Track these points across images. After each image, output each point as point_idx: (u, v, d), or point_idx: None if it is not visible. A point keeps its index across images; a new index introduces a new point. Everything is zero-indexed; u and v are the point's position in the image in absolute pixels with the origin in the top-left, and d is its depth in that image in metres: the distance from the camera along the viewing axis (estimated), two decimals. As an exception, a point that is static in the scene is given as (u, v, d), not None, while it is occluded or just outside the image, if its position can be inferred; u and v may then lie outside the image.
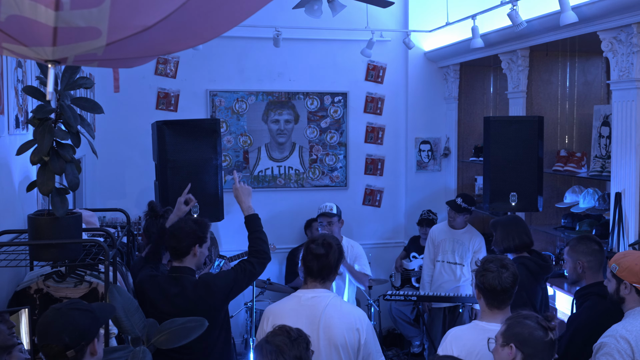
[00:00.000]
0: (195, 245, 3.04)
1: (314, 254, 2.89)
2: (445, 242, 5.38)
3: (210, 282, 3.04)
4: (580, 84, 5.43)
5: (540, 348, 2.29)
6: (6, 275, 2.69)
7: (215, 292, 3.01)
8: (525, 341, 2.30)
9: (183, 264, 3.04)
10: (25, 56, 1.51)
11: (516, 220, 4.08)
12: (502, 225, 3.93)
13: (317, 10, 4.26)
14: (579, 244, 3.26)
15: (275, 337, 2.23)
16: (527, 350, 2.29)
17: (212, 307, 3.00)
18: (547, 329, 2.30)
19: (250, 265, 3.17)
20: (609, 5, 3.75)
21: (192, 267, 3.07)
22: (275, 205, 6.34)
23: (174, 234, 3.03)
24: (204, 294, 2.98)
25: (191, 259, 3.05)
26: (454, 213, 5.35)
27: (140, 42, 1.46)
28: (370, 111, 6.53)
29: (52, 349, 1.90)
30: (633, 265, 2.74)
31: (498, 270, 2.74)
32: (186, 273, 3.03)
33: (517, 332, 2.33)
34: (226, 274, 3.15)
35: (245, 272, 3.13)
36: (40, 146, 2.12)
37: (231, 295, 3.09)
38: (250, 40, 6.08)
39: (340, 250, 2.96)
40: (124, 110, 5.84)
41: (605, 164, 4.45)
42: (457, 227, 5.36)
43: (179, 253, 3.03)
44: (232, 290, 3.08)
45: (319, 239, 2.94)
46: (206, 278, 3.08)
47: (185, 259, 3.04)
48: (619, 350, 2.53)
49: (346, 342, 2.79)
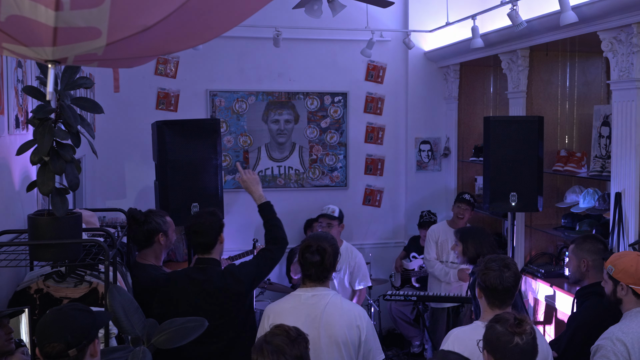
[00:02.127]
0: (220, 234, 3.21)
1: (309, 262, 2.91)
2: (447, 243, 5.39)
3: (235, 271, 3.19)
4: (580, 84, 5.43)
5: (509, 354, 2.23)
6: (6, 275, 2.69)
7: (242, 279, 3.15)
8: (495, 347, 2.26)
9: (210, 255, 3.20)
10: (25, 56, 1.51)
11: (484, 230, 4.23)
12: (473, 235, 4.05)
13: (317, 10, 4.26)
14: (584, 243, 3.26)
15: (274, 337, 2.22)
16: (497, 356, 2.26)
17: (238, 293, 3.14)
18: (514, 333, 2.24)
19: (270, 253, 3.33)
20: (609, 5, 3.75)
21: (217, 259, 3.23)
22: (275, 205, 6.25)
23: (198, 231, 3.17)
24: (231, 282, 3.12)
25: (218, 248, 3.22)
26: (469, 208, 5.42)
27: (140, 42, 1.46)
28: (370, 111, 6.53)
29: (53, 347, 1.89)
30: (629, 267, 2.74)
31: (500, 270, 2.73)
32: (212, 264, 3.18)
33: (487, 337, 2.31)
34: (249, 263, 3.30)
35: (266, 260, 3.30)
36: (40, 146, 2.11)
37: (255, 282, 3.28)
38: (250, 40, 6.08)
39: (335, 251, 2.97)
40: (124, 110, 5.84)
41: (605, 164, 4.45)
42: (461, 226, 5.37)
43: (208, 246, 3.18)
44: (256, 277, 3.25)
45: (313, 245, 2.93)
46: (231, 268, 3.24)
47: (212, 251, 3.20)
48: (615, 352, 2.53)
49: (347, 339, 2.81)
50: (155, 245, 3.40)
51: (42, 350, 1.92)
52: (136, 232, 3.36)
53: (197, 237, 3.18)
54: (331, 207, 5.06)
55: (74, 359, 1.91)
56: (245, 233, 5.96)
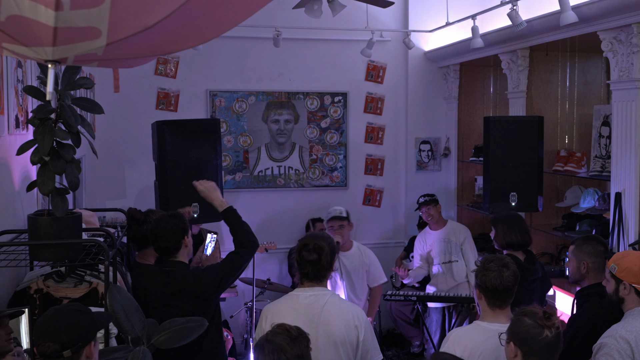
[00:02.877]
0: (183, 237, 3.11)
1: (306, 260, 2.90)
2: (434, 247, 5.44)
3: (199, 274, 3.10)
4: (580, 84, 5.43)
5: (536, 346, 2.29)
6: (6, 275, 2.69)
7: (205, 282, 3.06)
8: (522, 339, 2.31)
9: (176, 258, 3.12)
10: (25, 56, 1.51)
11: (517, 217, 4.09)
12: (504, 222, 3.94)
13: (317, 10, 4.26)
14: (584, 244, 3.24)
15: (276, 336, 2.23)
16: (524, 349, 2.30)
17: (201, 297, 3.06)
18: (544, 327, 2.29)
19: (238, 256, 3.22)
20: (609, 5, 3.75)
21: (184, 261, 3.15)
22: (275, 205, 6.34)
23: (159, 235, 3.09)
24: (193, 285, 3.04)
25: (183, 251, 3.13)
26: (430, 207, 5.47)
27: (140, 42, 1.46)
28: (370, 111, 6.53)
29: (48, 347, 1.89)
30: (632, 266, 2.73)
31: (499, 270, 2.74)
32: (178, 267, 3.10)
33: (515, 330, 2.35)
34: (214, 266, 3.21)
35: (233, 263, 3.19)
36: (40, 146, 2.11)
37: (222, 285, 3.15)
38: (250, 40, 6.08)
39: (332, 249, 2.96)
40: (124, 110, 5.84)
41: (605, 164, 4.45)
42: (439, 226, 5.41)
43: (171, 250, 3.11)
44: (222, 280, 3.13)
45: (310, 243, 2.92)
46: (196, 271, 3.15)
47: (177, 254, 3.12)
48: (619, 350, 2.53)
49: (345, 338, 2.81)
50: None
51: (37, 349, 1.92)
52: (136, 232, 3.36)
53: (159, 241, 3.09)
54: (337, 209, 4.88)
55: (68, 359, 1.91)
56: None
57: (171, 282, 3.05)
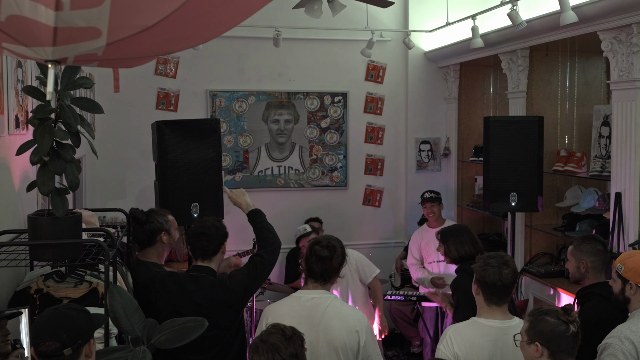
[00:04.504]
0: (224, 242, 3.09)
1: (317, 256, 2.87)
2: (430, 245, 5.43)
3: (225, 281, 3.03)
4: (580, 84, 5.43)
5: (564, 342, 2.32)
6: (6, 275, 2.69)
7: (233, 289, 3.01)
8: (549, 338, 2.32)
9: (208, 263, 3.06)
10: (25, 56, 1.51)
11: (465, 229, 4.03)
12: (453, 235, 3.88)
13: (317, 10, 4.26)
14: (583, 244, 3.25)
15: (270, 336, 2.24)
16: (552, 347, 2.32)
17: (229, 304, 3.00)
18: (568, 322, 2.32)
19: (260, 257, 3.16)
20: (609, 5, 3.75)
21: (213, 268, 3.08)
22: (275, 205, 6.33)
23: (204, 234, 3.03)
24: (221, 293, 2.98)
25: (219, 257, 3.09)
26: (434, 204, 5.53)
27: (140, 42, 1.45)
28: (370, 111, 6.53)
29: (48, 346, 1.88)
30: (639, 266, 2.74)
31: (499, 266, 2.75)
32: (207, 273, 3.03)
33: (539, 330, 2.35)
34: (239, 272, 3.15)
35: (256, 266, 3.12)
36: (40, 146, 2.11)
37: (249, 290, 3.10)
38: (250, 40, 6.08)
39: (344, 254, 2.95)
40: (124, 110, 5.83)
41: (605, 164, 4.45)
42: (438, 225, 5.41)
43: (209, 252, 3.05)
44: (249, 285, 3.08)
45: (324, 240, 2.91)
46: (222, 277, 3.08)
47: (213, 258, 3.06)
48: (624, 351, 2.53)
49: (346, 344, 2.79)
50: (158, 244, 3.38)
51: (36, 349, 1.90)
52: (138, 232, 3.35)
53: (201, 241, 3.03)
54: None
55: (68, 358, 1.91)
56: (245, 233, 5.88)
57: (199, 289, 2.98)
